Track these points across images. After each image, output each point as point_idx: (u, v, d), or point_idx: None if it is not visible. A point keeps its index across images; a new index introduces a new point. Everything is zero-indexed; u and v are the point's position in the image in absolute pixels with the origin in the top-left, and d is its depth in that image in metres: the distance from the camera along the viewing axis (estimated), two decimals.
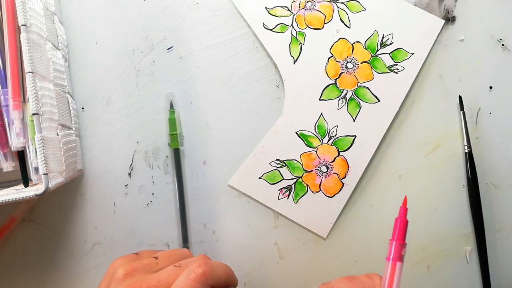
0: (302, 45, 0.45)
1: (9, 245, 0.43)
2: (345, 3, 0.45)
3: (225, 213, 0.45)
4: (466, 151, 0.45)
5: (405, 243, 0.33)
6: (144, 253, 0.36)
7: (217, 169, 0.45)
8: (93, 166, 0.44)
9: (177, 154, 0.44)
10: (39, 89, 0.34)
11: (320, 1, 0.45)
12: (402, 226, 0.33)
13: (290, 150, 0.44)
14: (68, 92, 0.42)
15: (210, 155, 0.45)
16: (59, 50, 0.41)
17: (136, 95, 0.44)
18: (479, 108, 0.46)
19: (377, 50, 0.45)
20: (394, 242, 0.33)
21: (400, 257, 0.33)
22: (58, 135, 0.37)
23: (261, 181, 0.45)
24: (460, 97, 0.45)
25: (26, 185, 0.38)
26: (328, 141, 0.45)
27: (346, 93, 0.45)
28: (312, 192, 0.44)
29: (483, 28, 0.46)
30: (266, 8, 0.45)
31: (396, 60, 0.45)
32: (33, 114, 0.33)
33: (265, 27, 0.45)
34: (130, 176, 0.44)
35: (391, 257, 0.33)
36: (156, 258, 0.34)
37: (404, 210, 0.33)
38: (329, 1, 0.45)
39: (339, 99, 0.45)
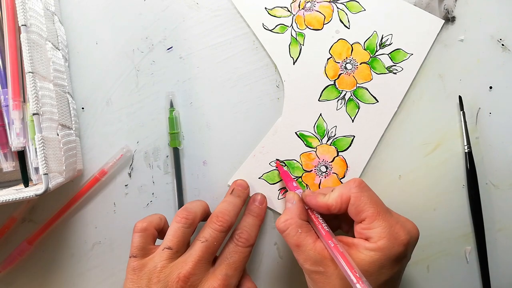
0: (302, 45, 0.45)
1: (9, 245, 0.43)
2: (345, 3, 0.45)
3: None
4: (466, 151, 0.45)
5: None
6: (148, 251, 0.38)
7: (217, 169, 0.45)
8: (93, 166, 0.44)
9: (176, 154, 0.44)
10: (39, 89, 0.34)
11: (320, 2, 0.45)
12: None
13: (290, 150, 0.45)
14: (68, 92, 0.42)
15: (210, 155, 0.45)
16: (59, 50, 0.41)
17: (136, 95, 0.45)
18: (479, 108, 0.46)
19: (376, 51, 0.45)
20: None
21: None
22: (58, 135, 0.37)
23: (261, 181, 0.45)
24: (460, 97, 0.45)
25: (26, 185, 0.38)
26: (327, 141, 0.45)
27: (345, 94, 0.45)
28: None
29: (483, 28, 0.46)
30: (266, 8, 0.45)
31: (395, 61, 0.45)
32: (33, 114, 0.33)
33: (265, 28, 0.45)
34: (130, 176, 0.45)
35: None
36: (169, 248, 0.36)
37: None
38: (329, 2, 0.45)
39: (338, 99, 0.45)
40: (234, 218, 0.39)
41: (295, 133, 0.45)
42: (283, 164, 0.44)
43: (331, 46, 0.45)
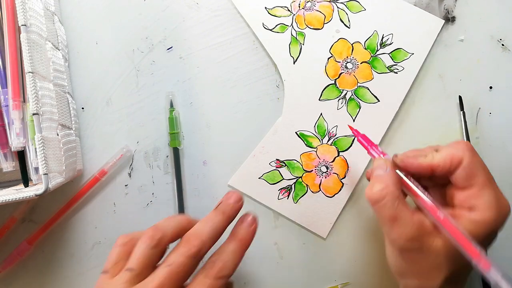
0: (302, 45, 0.45)
1: (9, 245, 0.43)
2: (345, 3, 0.45)
3: None
4: None
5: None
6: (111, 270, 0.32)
7: (217, 169, 0.45)
8: (93, 166, 0.44)
9: (176, 154, 0.44)
10: (39, 89, 0.34)
11: (320, 1, 0.45)
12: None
13: (290, 150, 0.45)
14: (68, 92, 0.42)
15: (210, 155, 0.45)
16: (59, 50, 0.41)
17: (136, 95, 0.45)
18: (479, 108, 0.46)
19: (377, 50, 0.45)
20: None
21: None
22: (58, 135, 0.37)
23: (261, 181, 0.45)
24: (460, 97, 0.45)
25: (26, 185, 0.38)
26: (328, 141, 0.45)
27: (346, 93, 0.45)
28: (312, 192, 0.44)
29: (483, 28, 0.46)
30: (266, 8, 0.45)
31: (395, 60, 0.45)
32: (33, 114, 0.33)
33: (265, 27, 0.45)
34: (130, 176, 0.45)
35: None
36: (131, 269, 0.31)
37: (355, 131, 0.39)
38: (329, 1, 0.45)
39: (339, 99, 0.45)
40: (210, 241, 0.32)
41: (295, 133, 0.45)
42: (283, 164, 0.44)
43: (332, 46, 0.45)
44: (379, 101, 0.45)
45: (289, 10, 0.45)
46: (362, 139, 0.38)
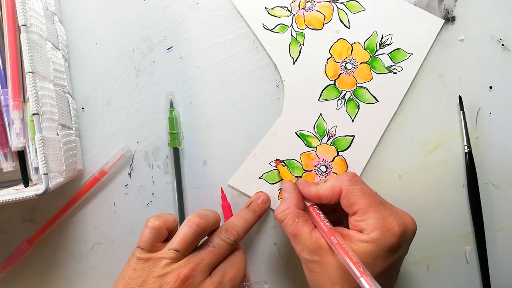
0: (302, 45, 0.45)
1: (9, 245, 0.43)
2: (345, 3, 0.45)
3: None
4: (466, 151, 0.45)
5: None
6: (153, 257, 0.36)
7: (217, 169, 0.45)
8: (93, 166, 0.44)
9: (176, 154, 0.44)
10: (39, 89, 0.34)
11: (320, 2, 0.45)
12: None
13: (290, 150, 0.45)
14: (68, 92, 0.42)
15: (210, 155, 0.45)
16: (59, 50, 0.41)
17: (136, 95, 0.45)
18: (479, 108, 0.46)
19: (376, 51, 0.45)
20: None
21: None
22: (58, 135, 0.37)
23: (261, 181, 0.45)
24: (460, 97, 0.45)
25: (26, 185, 0.39)
26: (327, 141, 0.45)
27: (345, 94, 0.45)
28: None
29: (483, 28, 0.46)
30: (266, 8, 0.45)
31: (395, 61, 0.45)
32: (33, 114, 0.33)
33: (265, 27, 0.45)
34: (130, 176, 0.45)
35: None
36: (176, 250, 0.36)
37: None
38: (329, 1, 0.45)
39: (338, 99, 0.45)
40: (243, 233, 0.39)
41: (295, 133, 0.45)
42: (283, 164, 0.44)
43: (331, 46, 0.45)
44: (378, 101, 0.45)
45: (289, 10, 0.45)
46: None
